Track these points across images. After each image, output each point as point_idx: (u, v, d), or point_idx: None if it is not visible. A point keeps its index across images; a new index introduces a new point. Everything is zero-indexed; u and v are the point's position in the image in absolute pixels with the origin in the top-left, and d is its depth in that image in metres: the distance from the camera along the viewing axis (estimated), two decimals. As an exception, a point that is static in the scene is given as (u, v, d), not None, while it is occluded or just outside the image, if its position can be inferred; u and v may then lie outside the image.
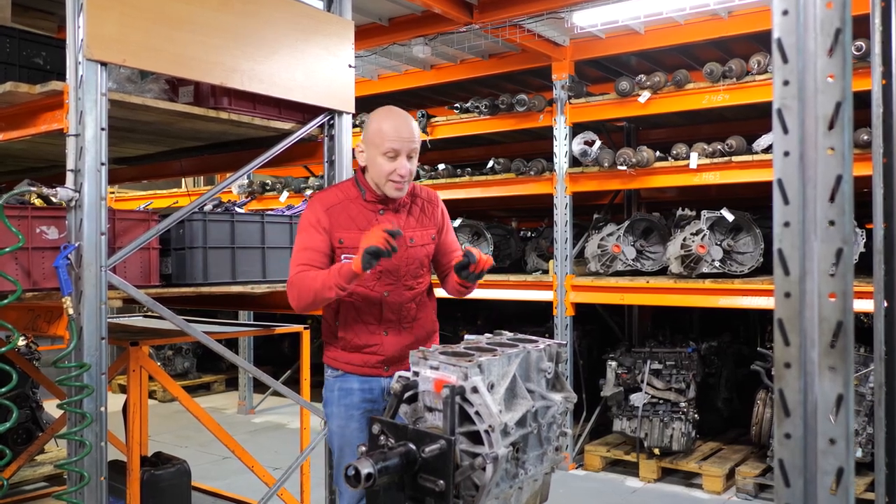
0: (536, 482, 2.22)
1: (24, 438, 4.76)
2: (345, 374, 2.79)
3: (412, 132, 2.68)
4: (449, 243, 2.93)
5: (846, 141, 1.15)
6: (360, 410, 2.76)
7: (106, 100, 2.70)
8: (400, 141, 2.63)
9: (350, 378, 2.78)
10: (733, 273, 5.15)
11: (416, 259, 2.78)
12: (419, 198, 2.86)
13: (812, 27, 1.17)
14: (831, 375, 1.16)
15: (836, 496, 1.16)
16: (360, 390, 2.77)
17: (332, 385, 2.83)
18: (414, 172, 2.73)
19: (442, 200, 2.97)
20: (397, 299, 2.74)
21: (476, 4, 4.99)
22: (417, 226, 2.81)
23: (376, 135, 2.66)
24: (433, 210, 2.87)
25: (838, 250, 1.15)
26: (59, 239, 2.87)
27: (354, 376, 2.78)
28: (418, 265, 2.79)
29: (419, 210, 2.83)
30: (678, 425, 5.38)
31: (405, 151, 2.65)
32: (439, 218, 2.89)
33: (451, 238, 2.96)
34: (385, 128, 2.65)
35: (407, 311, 2.77)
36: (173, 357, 8.75)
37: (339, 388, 2.80)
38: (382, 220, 2.70)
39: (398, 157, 2.64)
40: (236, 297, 3.90)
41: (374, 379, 2.76)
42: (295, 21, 3.38)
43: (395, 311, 2.74)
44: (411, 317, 2.79)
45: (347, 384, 2.78)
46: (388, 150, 2.63)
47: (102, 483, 2.69)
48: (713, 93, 5.03)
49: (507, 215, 8.61)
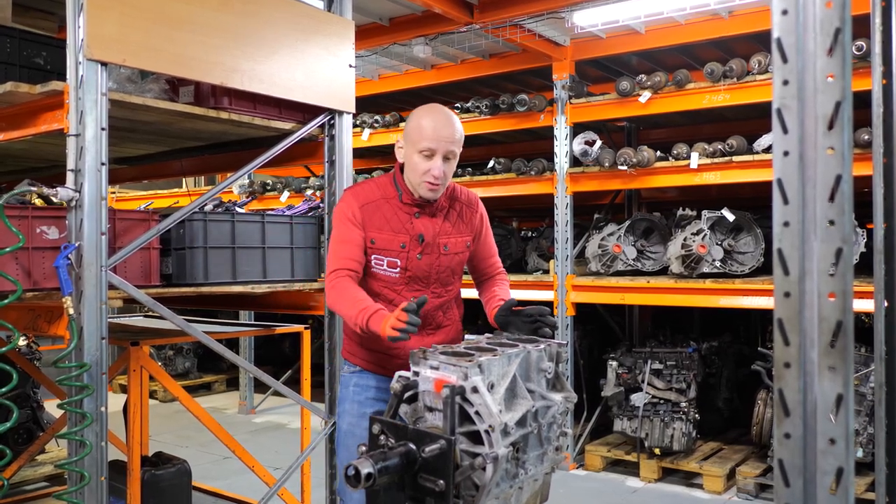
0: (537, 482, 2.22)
1: (24, 438, 4.76)
2: (362, 371, 2.71)
3: (453, 133, 2.54)
4: (486, 248, 2.82)
5: (846, 141, 1.15)
6: (373, 409, 2.65)
7: (106, 100, 2.70)
8: (437, 140, 2.50)
9: (367, 375, 2.70)
10: (734, 273, 5.15)
11: (447, 267, 2.67)
12: (458, 201, 2.72)
13: (812, 27, 1.17)
14: (831, 375, 1.16)
15: (835, 496, 1.15)
16: (376, 388, 2.68)
17: (348, 381, 2.74)
18: (450, 176, 2.59)
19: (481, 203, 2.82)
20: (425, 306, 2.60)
21: (476, 4, 4.99)
22: (453, 231, 2.68)
23: (415, 131, 2.54)
24: (471, 215, 2.74)
25: (838, 250, 1.15)
26: (60, 239, 2.88)
27: (372, 374, 2.70)
28: (449, 273, 2.69)
29: (456, 215, 2.70)
30: (679, 425, 5.38)
31: (442, 152, 2.51)
32: (477, 223, 2.76)
33: (489, 243, 2.85)
34: (424, 124, 2.54)
35: (432, 318, 2.67)
36: (174, 357, 8.75)
37: (356, 384, 2.71)
38: (417, 224, 2.60)
39: (434, 157, 2.51)
40: (237, 297, 3.91)
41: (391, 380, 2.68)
42: (295, 21, 3.38)
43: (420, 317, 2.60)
44: (436, 323, 2.70)
45: (364, 381, 2.70)
46: (425, 149, 2.50)
47: (103, 483, 2.69)
48: (714, 93, 5.02)
49: (507, 215, 8.61)
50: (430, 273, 2.64)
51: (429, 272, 2.63)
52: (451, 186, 2.72)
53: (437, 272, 2.65)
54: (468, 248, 2.75)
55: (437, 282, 2.66)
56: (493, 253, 2.85)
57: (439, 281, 2.66)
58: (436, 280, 2.66)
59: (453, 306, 2.76)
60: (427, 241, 2.61)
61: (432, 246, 2.62)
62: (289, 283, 3.69)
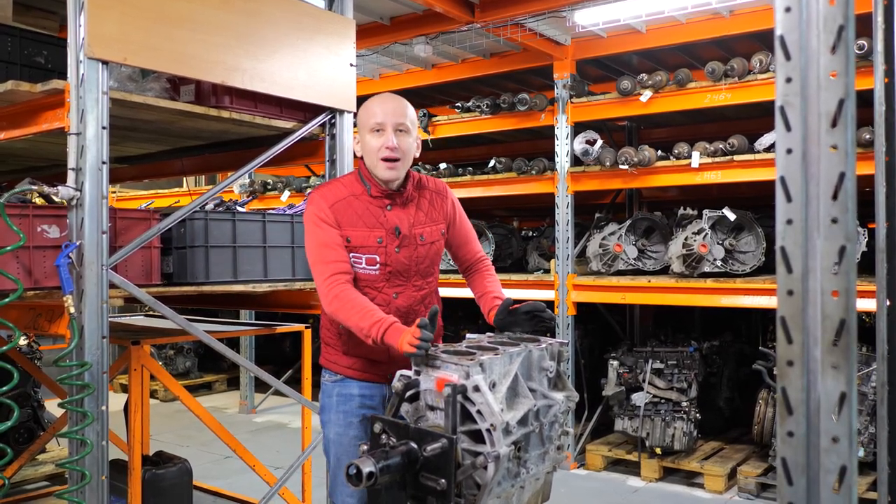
0: (538, 481, 2.22)
1: (25, 437, 4.76)
2: (344, 379, 2.63)
3: (398, 105, 2.55)
4: (463, 234, 2.78)
5: (849, 138, 1.14)
6: (358, 418, 2.59)
7: (107, 98, 2.70)
8: (384, 114, 2.51)
9: (350, 383, 2.62)
10: (735, 272, 5.15)
11: (426, 257, 2.63)
12: (427, 189, 2.70)
13: (815, 24, 1.16)
14: (834, 374, 1.16)
15: (838, 495, 1.15)
16: (360, 396, 2.61)
17: (331, 390, 2.66)
18: (409, 153, 2.55)
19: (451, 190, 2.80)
20: (406, 301, 2.60)
21: (477, 3, 4.99)
22: (427, 221, 2.65)
23: (363, 115, 2.57)
24: (442, 202, 2.71)
25: (841, 248, 1.15)
26: (61, 238, 2.87)
27: (354, 381, 2.61)
28: (428, 263, 2.65)
29: (427, 203, 2.67)
30: (680, 425, 5.37)
31: (391, 125, 2.50)
32: (450, 210, 2.73)
33: (466, 228, 2.80)
34: (370, 105, 2.56)
35: (415, 314, 2.59)
36: (175, 356, 8.75)
37: (338, 393, 2.63)
38: (390, 216, 2.56)
39: (385, 132, 2.50)
40: (238, 297, 3.90)
41: (375, 385, 2.61)
42: (296, 20, 3.38)
43: (402, 315, 2.55)
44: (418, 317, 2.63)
45: (347, 389, 2.62)
46: (374, 126, 2.51)
47: (104, 482, 2.69)
48: (715, 92, 5.02)
49: (508, 214, 8.61)
50: (410, 266, 2.59)
51: (408, 265, 2.59)
52: (417, 176, 2.69)
53: (416, 264, 2.60)
54: (443, 236, 2.71)
55: (417, 274, 2.62)
56: (471, 238, 2.80)
57: (419, 273, 2.62)
58: (416, 272, 2.61)
59: (433, 299, 2.72)
60: (403, 232, 2.57)
61: (409, 238, 2.58)
62: (290, 282, 3.69)
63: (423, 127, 6.28)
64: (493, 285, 2.74)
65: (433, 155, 7.48)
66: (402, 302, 2.59)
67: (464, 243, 2.79)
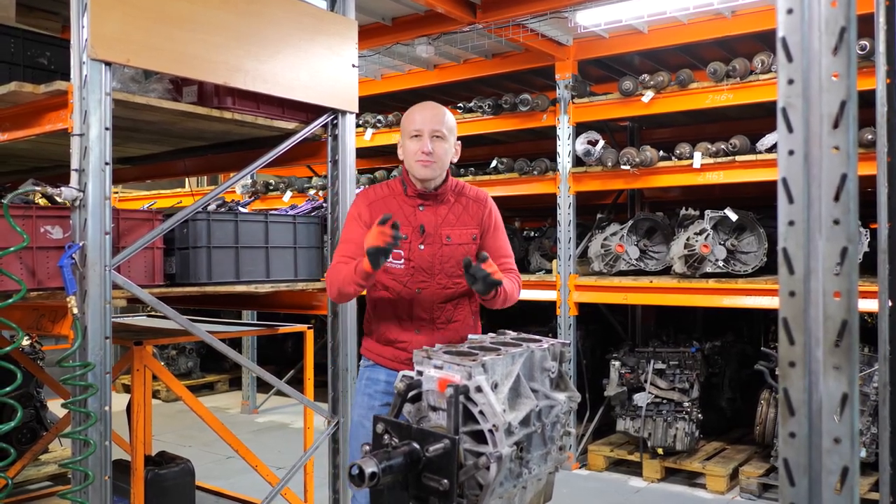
0: (540, 481, 2.22)
1: (28, 438, 4.77)
2: (375, 366, 2.79)
3: (436, 114, 2.72)
4: (496, 247, 2.81)
5: (851, 139, 1.15)
6: (381, 403, 2.73)
7: (110, 99, 2.71)
8: (422, 122, 2.69)
9: (379, 369, 2.78)
10: (737, 273, 5.15)
11: (451, 257, 2.71)
12: (465, 196, 2.81)
13: (817, 25, 1.16)
14: (836, 374, 1.16)
15: (840, 495, 1.15)
16: (386, 382, 2.75)
17: (362, 374, 2.84)
18: (444, 157, 2.70)
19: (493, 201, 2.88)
20: (430, 298, 2.70)
21: (479, 4, 4.99)
22: (457, 223, 2.74)
23: (405, 121, 2.77)
24: (478, 209, 2.80)
25: (843, 249, 1.15)
26: (64, 238, 2.88)
27: (383, 369, 2.77)
28: (454, 264, 2.71)
29: (462, 208, 2.78)
30: (682, 425, 5.37)
31: (428, 132, 2.68)
32: (486, 218, 2.80)
33: (499, 244, 2.83)
34: (411, 114, 2.77)
35: (441, 311, 2.71)
36: (177, 356, 8.76)
37: (367, 377, 2.80)
38: (420, 215, 2.71)
39: (422, 137, 2.68)
40: (240, 297, 3.91)
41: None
42: (298, 20, 3.38)
43: (427, 310, 2.70)
44: (446, 318, 2.72)
45: (375, 374, 2.78)
46: (413, 132, 2.70)
47: (107, 482, 2.70)
48: (717, 92, 5.02)
49: (510, 215, 8.60)
50: (434, 263, 2.69)
51: (432, 262, 2.69)
52: (459, 183, 2.84)
53: (440, 262, 2.70)
54: (474, 241, 2.77)
55: (443, 273, 2.71)
56: (505, 254, 2.83)
57: (444, 272, 2.71)
58: (440, 271, 2.70)
59: (465, 303, 2.77)
60: (428, 231, 2.70)
61: (433, 236, 2.70)
62: (292, 282, 3.70)
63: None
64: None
65: (435, 155, 7.46)
66: (425, 298, 2.70)
67: (496, 256, 2.78)
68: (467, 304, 2.78)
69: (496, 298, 2.64)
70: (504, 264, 2.80)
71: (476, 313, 2.84)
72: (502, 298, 2.67)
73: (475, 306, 2.82)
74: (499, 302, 2.68)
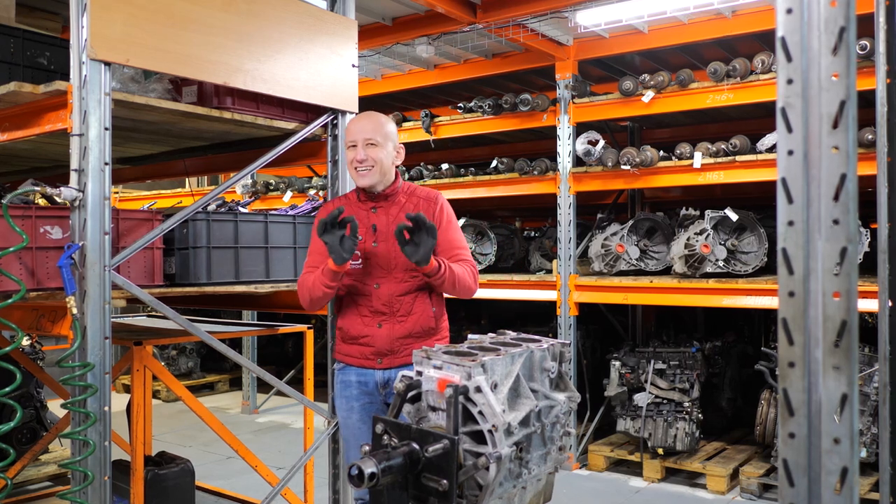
0: (540, 482, 2.22)
1: (28, 438, 4.77)
2: (345, 367, 2.97)
3: (369, 125, 2.93)
4: (447, 242, 2.93)
5: (850, 139, 1.14)
6: (359, 403, 2.92)
7: (109, 99, 2.70)
8: (356, 132, 2.92)
9: (349, 371, 2.95)
10: (737, 273, 5.15)
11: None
12: (416, 196, 3.00)
13: (816, 25, 1.16)
14: (835, 375, 1.15)
15: (840, 496, 1.15)
16: (357, 383, 2.93)
17: (336, 378, 3.01)
18: (382, 162, 2.90)
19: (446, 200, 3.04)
20: (388, 291, 2.88)
21: (479, 4, 4.99)
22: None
23: (345, 134, 3.04)
24: (429, 207, 2.96)
25: (842, 249, 1.15)
26: (63, 238, 2.88)
27: (352, 369, 2.94)
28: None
29: (413, 207, 2.95)
30: (682, 425, 5.37)
31: (361, 141, 2.90)
32: (437, 215, 2.95)
33: (453, 237, 2.97)
34: (348, 125, 3.05)
35: (400, 304, 2.88)
36: (177, 357, 8.76)
37: (340, 381, 2.98)
38: (373, 217, 2.93)
39: (356, 147, 2.91)
40: (240, 297, 3.91)
41: (368, 371, 2.91)
42: (299, 21, 3.38)
43: (386, 304, 2.88)
44: (405, 310, 2.88)
45: (346, 377, 2.96)
46: (349, 143, 2.95)
47: (106, 482, 2.69)
48: (717, 92, 5.02)
49: (510, 215, 8.61)
50: (390, 259, 2.89)
51: (388, 258, 2.89)
52: (412, 186, 3.06)
53: (395, 257, 2.87)
54: None
55: (398, 267, 2.89)
56: (458, 246, 2.98)
57: (400, 266, 2.88)
58: (395, 265, 2.89)
59: (423, 295, 2.92)
60: (380, 229, 2.91)
61: (386, 233, 2.90)
62: (292, 283, 3.69)
63: (426, 128, 6.29)
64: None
65: (435, 155, 7.48)
66: (383, 292, 2.88)
67: (448, 249, 2.93)
68: (426, 295, 2.93)
69: (443, 277, 2.79)
70: (457, 255, 2.95)
71: (439, 304, 2.99)
72: (450, 279, 2.82)
73: (435, 296, 2.97)
74: (447, 283, 2.83)
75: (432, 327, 2.93)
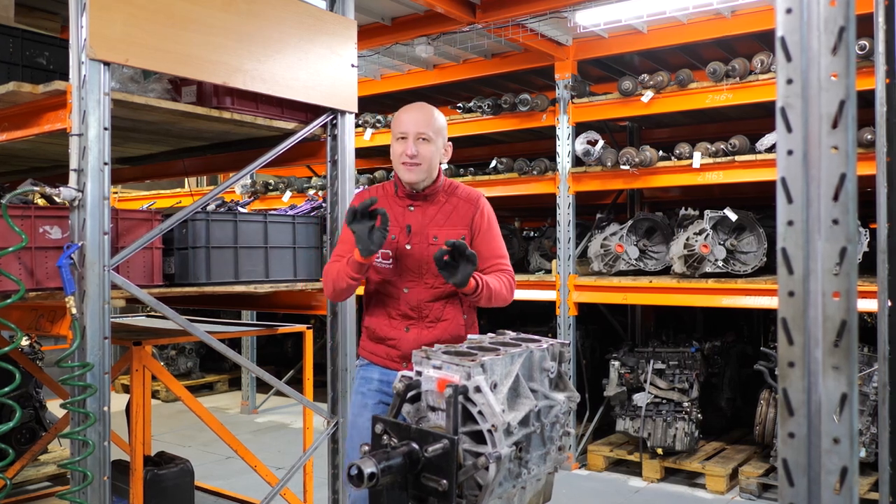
0: (539, 482, 2.22)
1: (27, 438, 4.76)
2: (368, 364, 2.83)
3: (422, 116, 2.73)
4: (487, 248, 2.76)
5: (850, 139, 1.14)
6: (374, 400, 2.77)
7: (109, 99, 2.70)
8: (407, 123, 2.72)
9: (372, 368, 2.81)
10: (736, 273, 5.15)
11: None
12: (456, 197, 2.80)
13: (816, 25, 1.16)
14: (835, 375, 1.15)
15: (839, 496, 1.15)
16: (378, 380, 2.78)
17: (357, 373, 2.88)
18: (431, 159, 2.71)
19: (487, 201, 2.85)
20: (418, 297, 2.71)
21: (479, 4, 4.99)
22: (445, 223, 2.74)
23: (393, 123, 2.79)
24: (468, 209, 2.78)
25: (842, 249, 1.15)
26: (63, 238, 2.88)
27: (376, 367, 2.80)
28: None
29: (452, 208, 2.77)
30: (681, 425, 5.37)
31: (413, 134, 2.70)
32: (476, 219, 2.77)
33: (492, 244, 2.79)
34: (399, 115, 2.78)
35: (429, 310, 2.72)
36: (176, 357, 8.76)
37: (362, 376, 2.84)
38: (409, 216, 2.73)
39: (407, 140, 2.70)
40: (239, 297, 3.91)
41: (392, 373, 2.72)
42: (298, 21, 3.38)
43: (415, 309, 2.72)
44: (435, 316, 2.72)
45: (368, 373, 2.82)
46: (399, 134, 2.72)
47: (106, 483, 2.69)
48: (716, 92, 5.02)
49: (510, 215, 8.61)
50: (421, 263, 2.70)
51: (419, 262, 2.70)
52: (453, 183, 2.84)
53: (427, 262, 2.68)
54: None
55: (429, 272, 2.70)
56: (498, 254, 2.80)
57: (431, 272, 2.68)
58: (427, 270, 2.70)
59: (455, 301, 2.75)
60: (415, 230, 2.72)
61: (420, 236, 2.71)
62: (291, 282, 3.69)
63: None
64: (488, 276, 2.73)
65: (435, 155, 7.47)
66: (412, 297, 2.72)
67: (488, 257, 2.76)
68: (457, 302, 2.76)
69: (479, 295, 2.61)
70: (497, 265, 2.78)
71: (470, 311, 2.82)
72: (486, 295, 2.63)
73: (467, 304, 2.79)
74: (483, 299, 2.64)
75: (461, 335, 2.72)
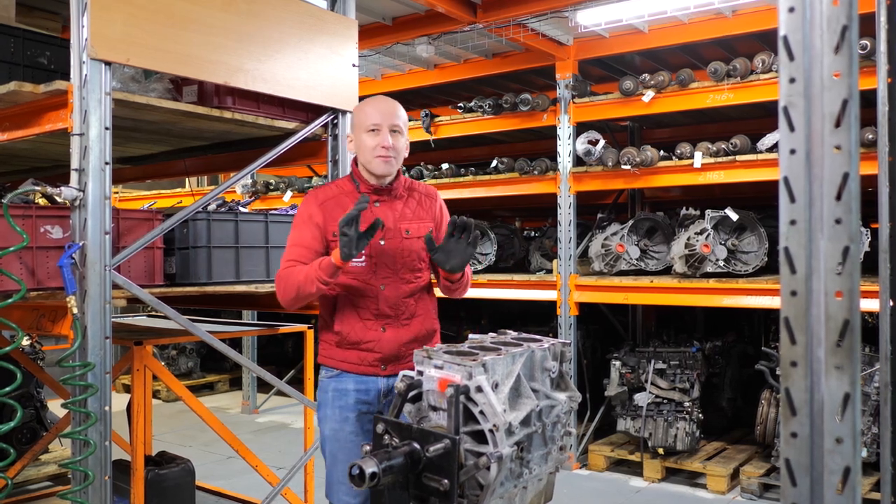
0: (541, 482, 2.22)
1: (28, 438, 4.77)
2: (340, 374, 2.68)
3: (394, 108, 2.70)
4: None
5: (853, 139, 1.14)
6: (354, 413, 2.65)
7: (110, 99, 2.70)
8: (380, 115, 2.66)
9: (346, 378, 2.67)
10: (737, 272, 5.14)
11: (412, 251, 2.69)
12: (416, 191, 2.82)
13: (818, 24, 1.16)
14: (838, 374, 1.15)
15: (842, 495, 1.15)
16: (355, 391, 2.65)
17: (327, 386, 2.71)
18: (401, 152, 2.70)
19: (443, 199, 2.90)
20: (394, 293, 2.65)
21: (480, 4, 4.99)
22: (413, 217, 2.74)
23: (359, 115, 2.71)
24: (431, 203, 2.81)
25: (845, 248, 1.14)
26: (64, 238, 2.88)
27: (350, 376, 2.66)
28: (416, 258, 2.70)
29: (416, 203, 2.78)
30: (682, 425, 5.37)
31: (386, 125, 2.65)
32: (437, 213, 2.82)
33: None
34: (367, 108, 2.71)
35: (405, 307, 2.68)
36: (177, 356, 8.76)
37: (334, 388, 2.68)
38: (377, 212, 2.64)
39: (381, 132, 2.64)
40: (240, 297, 3.90)
41: (370, 379, 2.65)
42: (299, 20, 3.38)
43: (392, 306, 2.65)
44: (410, 312, 2.69)
45: (342, 384, 2.67)
46: (371, 126, 2.65)
47: (107, 482, 2.70)
48: (717, 92, 5.02)
49: (510, 215, 8.61)
50: (396, 258, 2.67)
51: (394, 257, 2.67)
52: (408, 179, 2.84)
53: (402, 256, 2.68)
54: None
55: (404, 267, 2.69)
56: None
57: (406, 266, 2.69)
58: (402, 265, 2.68)
59: (425, 296, 2.77)
60: (388, 225, 2.67)
61: (394, 231, 2.68)
62: (292, 282, 3.69)
63: (426, 127, 6.29)
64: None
65: (435, 155, 7.48)
66: (389, 293, 2.66)
67: None
68: (427, 297, 2.77)
69: (461, 281, 2.71)
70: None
71: (435, 307, 2.84)
72: (465, 282, 2.73)
73: (434, 300, 2.82)
74: (461, 286, 2.74)
75: (434, 329, 2.77)
